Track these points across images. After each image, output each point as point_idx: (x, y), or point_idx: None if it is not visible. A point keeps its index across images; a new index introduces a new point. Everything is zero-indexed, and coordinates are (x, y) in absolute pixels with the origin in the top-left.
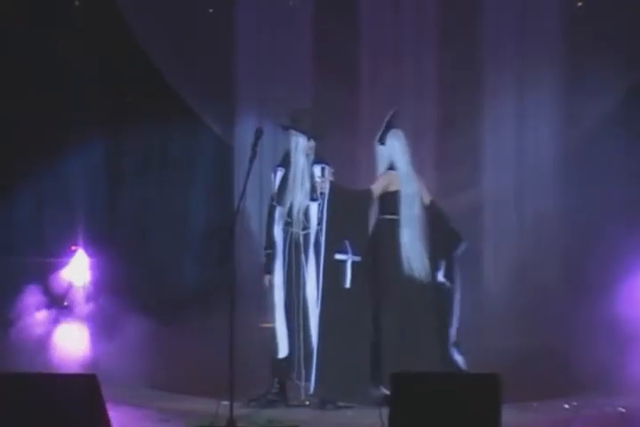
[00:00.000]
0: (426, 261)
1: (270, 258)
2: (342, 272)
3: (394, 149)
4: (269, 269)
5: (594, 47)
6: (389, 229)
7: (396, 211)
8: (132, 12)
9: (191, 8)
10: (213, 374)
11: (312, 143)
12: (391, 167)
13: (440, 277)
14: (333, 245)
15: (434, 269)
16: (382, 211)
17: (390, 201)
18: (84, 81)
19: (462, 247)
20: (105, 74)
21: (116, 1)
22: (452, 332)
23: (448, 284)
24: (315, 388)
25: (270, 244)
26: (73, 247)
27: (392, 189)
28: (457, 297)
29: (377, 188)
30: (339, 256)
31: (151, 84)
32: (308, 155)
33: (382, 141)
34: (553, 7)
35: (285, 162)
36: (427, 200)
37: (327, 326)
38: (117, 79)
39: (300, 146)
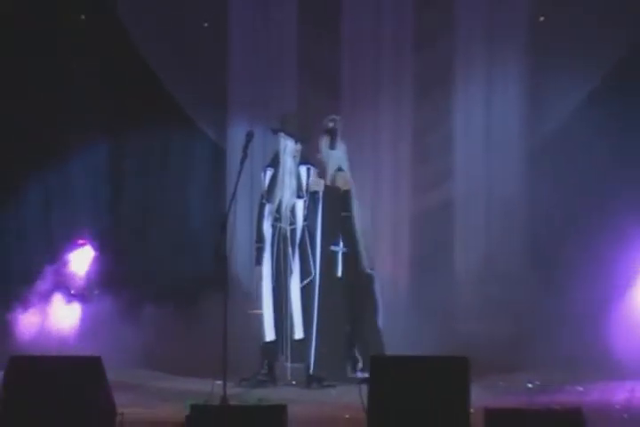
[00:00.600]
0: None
1: (260, 251)
2: (335, 263)
3: (342, 154)
4: (259, 261)
5: (558, 49)
6: (348, 225)
7: (349, 208)
8: (133, 24)
9: (188, 21)
10: (207, 357)
11: (299, 146)
12: (339, 169)
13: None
14: (330, 238)
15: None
16: (341, 208)
17: (345, 199)
18: (85, 87)
19: None
20: (106, 80)
21: (116, 11)
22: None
23: (373, 273)
24: (313, 368)
25: (260, 238)
26: (80, 242)
27: (346, 188)
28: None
29: (342, 186)
30: (333, 248)
31: (151, 91)
32: (294, 156)
33: (333, 147)
34: (520, 17)
35: (274, 163)
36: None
37: (324, 311)
38: (118, 86)
39: (288, 148)
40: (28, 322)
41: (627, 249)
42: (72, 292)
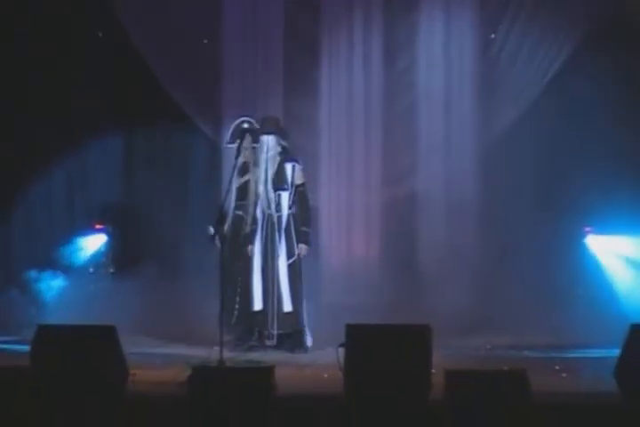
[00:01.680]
0: None
1: (253, 232)
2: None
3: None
4: (252, 241)
5: (508, 60)
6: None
7: None
8: (132, 26)
9: (185, 28)
10: (204, 325)
11: (283, 143)
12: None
13: None
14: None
15: None
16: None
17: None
18: (97, 86)
19: None
20: (115, 81)
21: (117, 14)
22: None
23: None
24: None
25: (254, 221)
26: (97, 226)
27: None
28: None
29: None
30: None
31: (157, 93)
32: (280, 153)
33: (256, 141)
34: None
35: (263, 160)
36: None
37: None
38: (129, 89)
39: (272, 146)
40: (52, 295)
41: (566, 238)
42: (90, 270)
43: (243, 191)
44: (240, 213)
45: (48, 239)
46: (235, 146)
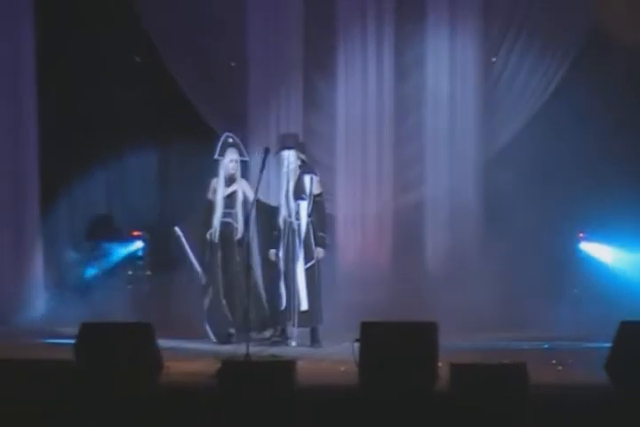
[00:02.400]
0: None
1: (276, 238)
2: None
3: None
4: (276, 246)
5: (508, 80)
6: None
7: None
8: (162, 45)
9: (219, 56)
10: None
11: (302, 157)
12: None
13: None
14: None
15: None
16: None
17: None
18: (138, 107)
19: None
20: (155, 104)
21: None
22: None
23: None
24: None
25: (277, 228)
26: (135, 233)
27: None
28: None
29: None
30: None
31: (190, 112)
32: (299, 166)
33: (243, 155)
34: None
35: (284, 172)
36: None
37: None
38: (165, 108)
39: (292, 160)
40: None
41: (562, 242)
42: (129, 272)
43: (231, 200)
44: (229, 220)
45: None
46: (222, 158)
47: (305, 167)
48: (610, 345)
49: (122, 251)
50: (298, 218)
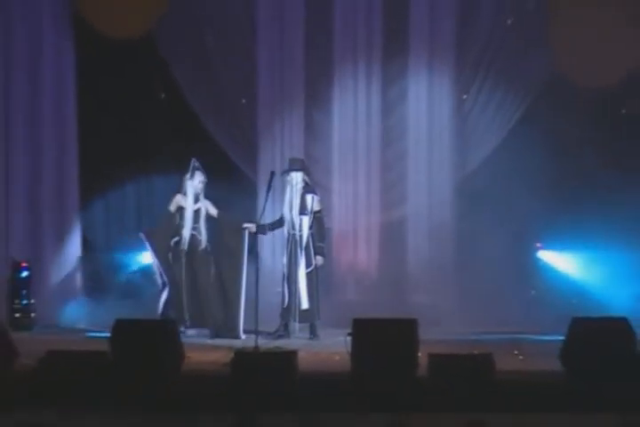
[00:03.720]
0: None
1: (284, 248)
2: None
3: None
4: (283, 254)
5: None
6: None
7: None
8: (180, 76)
9: (231, 94)
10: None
11: (306, 179)
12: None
13: None
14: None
15: None
16: None
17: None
18: (164, 134)
19: None
20: (176, 132)
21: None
22: None
23: None
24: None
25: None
26: None
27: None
28: None
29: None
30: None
31: (208, 140)
32: (303, 187)
33: (207, 179)
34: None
35: (290, 191)
36: None
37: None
38: (185, 136)
39: (299, 180)
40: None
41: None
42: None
43: (196, 216)
44: (195, 232)
45: (122, 254)
46: (192, 180)
47: (307, 188)
48: (563, 338)
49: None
50: (300, 230)
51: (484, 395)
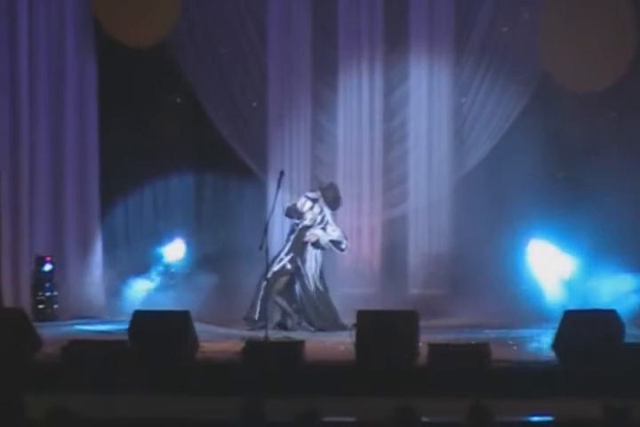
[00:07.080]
0: None
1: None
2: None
3: None
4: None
5: (475, 116)
6: None
7: None
8: (194, 81)
9: (243, 97)
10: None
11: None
12: None
13: None
14: None
15: None
16: None
17: None
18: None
19: None
20: (190, 135)
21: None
22: None
23: None
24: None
25: None
26: (176, 238)
27: None
28: None
29: None
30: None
31: (220, 144)
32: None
33: None
34: (447, 98)
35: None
36: None
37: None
38: (199, 138)
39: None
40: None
41: (515, 246)
42: (173, 270)
43: None
44: None
45: (140, 249)
46: None
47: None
48: (555, 329)
49: (165, 253)
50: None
51: (480, 381)
